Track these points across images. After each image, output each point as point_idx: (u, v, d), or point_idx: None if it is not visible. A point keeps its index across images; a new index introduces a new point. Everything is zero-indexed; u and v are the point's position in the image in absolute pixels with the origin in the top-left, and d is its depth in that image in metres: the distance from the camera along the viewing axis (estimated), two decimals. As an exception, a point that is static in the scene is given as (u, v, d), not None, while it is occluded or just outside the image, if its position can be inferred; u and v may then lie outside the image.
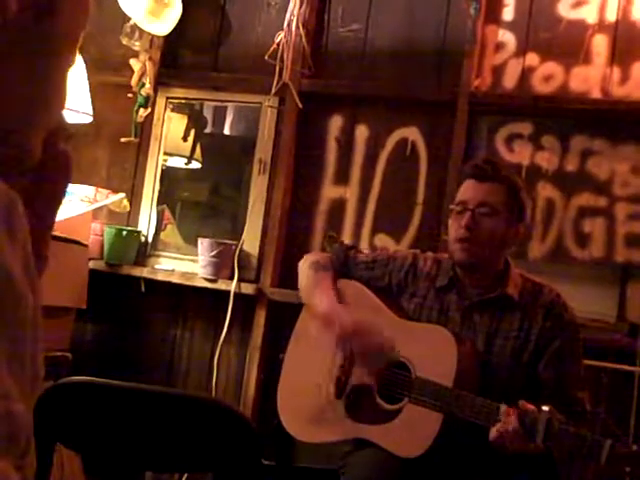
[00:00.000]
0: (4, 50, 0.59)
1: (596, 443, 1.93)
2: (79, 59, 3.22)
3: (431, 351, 2.25)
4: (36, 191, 0.63)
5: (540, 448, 2.01)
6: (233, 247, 3.63)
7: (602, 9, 3.25)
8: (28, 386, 0.53)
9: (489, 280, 2.33)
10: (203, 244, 3.62)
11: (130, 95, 3.81)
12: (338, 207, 3.58)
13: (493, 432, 2.04)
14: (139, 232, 3.85)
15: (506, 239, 2.32)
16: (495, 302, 2.30)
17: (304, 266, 2.56)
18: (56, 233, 3.03)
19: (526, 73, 3.35)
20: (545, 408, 1.99)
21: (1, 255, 0.50)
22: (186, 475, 3.49)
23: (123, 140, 3.82)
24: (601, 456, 1.90)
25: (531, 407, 2.01)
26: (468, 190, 2.30)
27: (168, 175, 4.00)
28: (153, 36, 3.78)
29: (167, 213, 4.02)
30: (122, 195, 3.75)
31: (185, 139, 4.06)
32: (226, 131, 4.28)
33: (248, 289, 3.57)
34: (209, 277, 3.60)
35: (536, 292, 2.32)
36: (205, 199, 4.17)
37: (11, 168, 0.54)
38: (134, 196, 3.89)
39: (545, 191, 3.26)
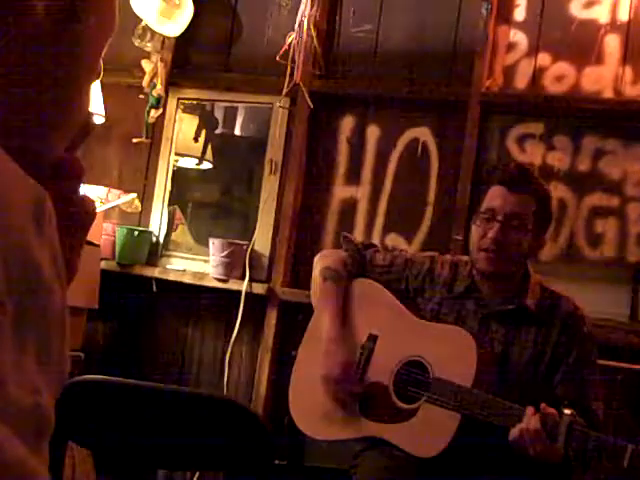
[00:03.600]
0: (30, 56, 0.60)
1: (618, 447, 1.91)
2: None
3: (450, 351, 2.23)
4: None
5: (559, 454, 1.99)
6: (244, 247, 3.64)
7: (614, 9, 3.24)
8: (54, 380, 0.53)
9: (508, 290, 2.30)
10: (214, 244, 3.63)
11: (142, 96, 3.82)
12: (349, 207, 3.58)
13: (514, 432, 2.02)
14: (151, 232, 3.86)
15: (531, 251, 2.30)
16: (513, 314, 2.28)
17: (317, 268, 2.52)
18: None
19: (538, 73, 3.34)
20: (567, 412, 1.97)
21: (30, 249, 0.50)
22: (198, 473, 3.49)
23: (135, 141, 3.83)
24: (624, 459, 1.89)
25: (552, 410, 2.00)
26: (498, 198, 2.24)
27: (179, 175, 4.01)
28: (164, 37, 3.79)
29: (178, 213, 4.03)
30: (134, 195, 3.76)
31: (196, 140, 4.07)
32: (237, 132, 4.28)
33: (259, 289, 3.57)
34: (220, 277, 3.61)
35: (554, 303, 2.29)
36: (216, 199, 4.18)
37: (32, 173, 0.55)
38: (145, 196, 3.90)
39: (557, 191, 3.24)
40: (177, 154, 3.98)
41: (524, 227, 2.22)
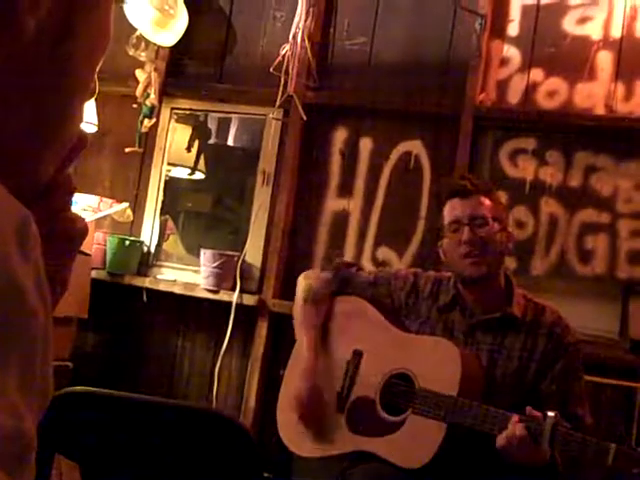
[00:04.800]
0: (21, 72, 0.59)
1: (602, 446, 1.94)
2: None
3: (434, 362, 2.26)
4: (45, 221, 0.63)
5: (546, 457, 2.02)
6: (235, 258, 3.63)
7: (607, 25, 3.26)
8: (37, 403, 0.53)
9: (493, 298, 2.33)
10: (205, 255, 3.62)
11: (135, 105, 3.82)
12: (341, 219, 3.58)
13: (500, 438, 2.04)
14: (142, 242, 3.85)
15: (504, 244, 2.34)
16: (499, 322, 2.30)
17: (298, 290, 2.59)
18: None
19: (530, 88, 3.36)
20: (551, 414, 2.00)
21: (13, 272, 0.50)
22: (185, 486, 3.47)
23: (127, 150, 3.82)
24: (607, 459, 1.91)
25: (537, 413, 2.02)
26: (456, 209, 2.34)
27: (171, 185, 4.01)
28: (159, 47, 3.80)
29: (170, 223, 4.03)
30: (125, 205, 3.76)
31: (189, 150, 4.07)
32: (230, 142, 4.28)
33: (250, 300, 3.57)
34: (211, 288, 3.60)
35: (538, 313, 2.32)
36: (208, 210, 4.17)
37: (23, 193, 0.54)
38: (137, 206, 3.89)
39: (548, 206, 3.26)
40: (170, 164, 3.98)
41: (487, 223, 2.31)
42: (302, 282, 2.59)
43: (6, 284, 0.49)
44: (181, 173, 4.11)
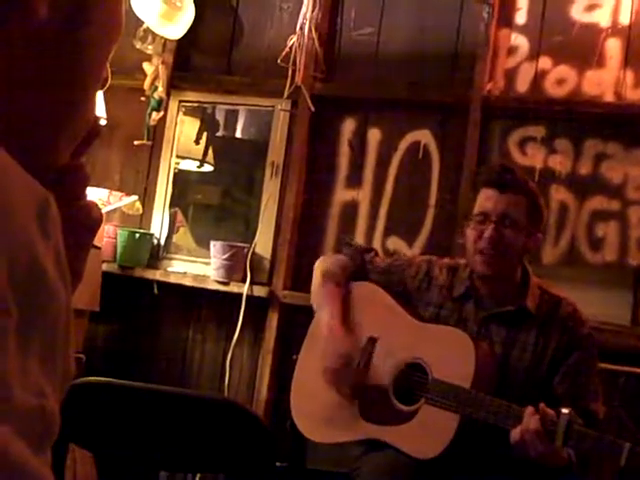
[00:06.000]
0: (35, 56, 0.60)
1: (616, 445, 1.93)
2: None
3: (449, 353, 2.25)
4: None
5: (560, 455, 2.01)
6: (245, 250, 3.64)
7: (615, 12, 3.25)
8: (59, 383, 0.53)
9: (508, 291, 2.31)
10: (215, 247, 3.63)
11: (143, 98, 3.82)
12: (350, 210, 3.58)
13: (515, 433, 2.03)
14: (152, 235, 3.86)
15: (527, 249, 2.31)
16: (513, 315, 2.29)
17: (317, 271, 2.54)
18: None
19: (539, 76, 3.34)
20: (565, 411, 1.98)
21: (35, 252, 0.50)
22: (199, 475, 3.49)
23: (136, 143, 3.83)
24: (621, 458, 1.90)
25: (551, 410, 2.01)
26: (489, 200, 2.27)
27: (180, 178, 4.02)
28: (166, 40, 3.80)
29: (180, 216, 4.03)
30: (135, 198, 3.77)
31: (197, 142, 4.07)
32: (238, 134, 4.28)
33: (260, 292, 3.57)
34: (221, 280, 3.61)
35: (554, 305, 2.30)
36: (217, 202, 4.17)
37: (39, 177, 0.55)
38: (147, 199, 3.90)
39: (558, 194, 3.25)
40: (178, 157, 3.98)
41: (517, 226, 2.25)
42: (320, 265, 2.55)
43: (28, 263, 0.50)
44: (190, 165, 4.11)
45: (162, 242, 3.89)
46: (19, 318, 0.48)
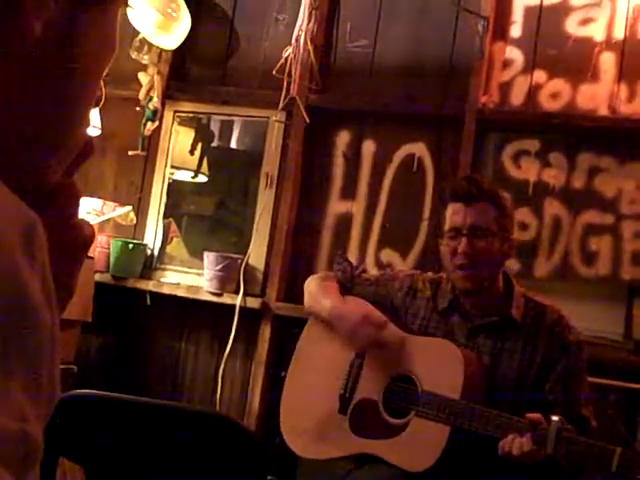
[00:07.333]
0: (27, 75, 0.59)
1: (607, 451, 1.93)
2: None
3: (437, 364, 2.25)
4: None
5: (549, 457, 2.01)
6: (239, 261, 3.63)
7: (610, 26, 3.26)
8: (44, 407, 0.52)
9: (492, 302, 2.31)
10: (209, 258, 3.62)
11: (138, 108, 3.83)
12: (344, 222, 3.58)
13: (505, 443, 2.03)
14: (145, 245, 3.85)
15: (505, 254, 2.31)
16: (499, 325, 2.29)
17: (310, 285, 2.55)
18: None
19: (533, 90, 3.35)
20: (555, 418, 1.99)
21: (20, 280, 0.50)
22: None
23: (130, 153, 3.83)
24: (612, 463, 1.90)
25: (539, 417, 2.01)
26: (457, 215, 2.28)
27: (175, 188, 4.01)
28: (162, 50, 3.80)
29: (173, 226, 4.03)
30: (129, 208, 3.76)
31: (192, 153, 4.07)
32: (233, 145, 4.29)
33: (253, 303, 3.57)
34: (214, 291, 3.60)
35: (539, 313, 2.30)
36: (211, 213, 4.17)
37: (29, 198, 0.54)
38: (141, 209, 3.90)
39: (552, 208, 3.25)
40: (173, 167, 3.98)
41: (489, 234, 2.26)
42: (309, 282, 2.57)
43: (11, 289, 0.49)
44: (184, 176, 4.11)
45: (155, 253, 3.88)
46: (1, 345, 0.48)
